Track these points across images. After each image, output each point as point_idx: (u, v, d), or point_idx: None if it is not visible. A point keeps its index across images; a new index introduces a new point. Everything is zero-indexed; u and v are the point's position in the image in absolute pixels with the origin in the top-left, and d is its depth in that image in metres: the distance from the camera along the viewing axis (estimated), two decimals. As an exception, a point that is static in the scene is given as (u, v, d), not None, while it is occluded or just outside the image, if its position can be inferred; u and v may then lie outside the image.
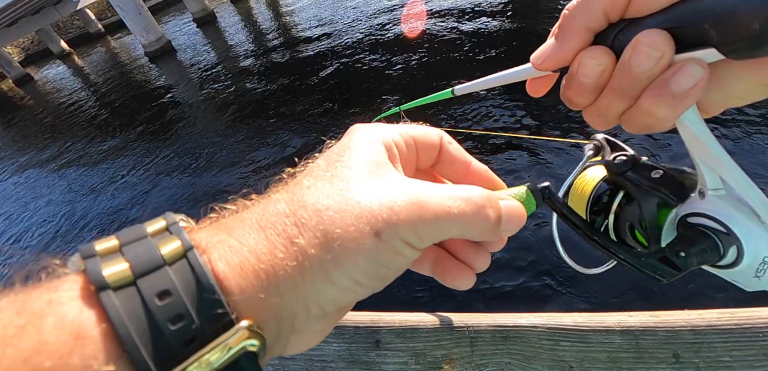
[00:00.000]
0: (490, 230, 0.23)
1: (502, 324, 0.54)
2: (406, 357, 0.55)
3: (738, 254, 0.24)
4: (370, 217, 0.20)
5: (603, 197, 0.32)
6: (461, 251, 0.26)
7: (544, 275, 2.07)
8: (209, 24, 12.65)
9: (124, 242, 0.18)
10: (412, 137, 0.26)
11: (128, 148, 6.04)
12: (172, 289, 0.16)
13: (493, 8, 5.28)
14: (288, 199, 0.21)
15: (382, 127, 0.25)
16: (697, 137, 0.23)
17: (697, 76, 0.19)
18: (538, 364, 0.52)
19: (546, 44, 0.24)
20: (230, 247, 0.19)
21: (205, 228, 0.20)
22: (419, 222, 0.20)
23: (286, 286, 0.19)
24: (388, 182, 0.21)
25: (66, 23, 23.84)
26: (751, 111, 2.58)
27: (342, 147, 0.24)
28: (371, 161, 0.22)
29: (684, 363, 0.51)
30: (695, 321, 0.51)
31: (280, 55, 7.30)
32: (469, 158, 0.28)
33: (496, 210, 0.23)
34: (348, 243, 0.19)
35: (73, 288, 0.16)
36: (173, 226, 0.19)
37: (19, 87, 17.13)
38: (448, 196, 0.21)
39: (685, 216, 0.26)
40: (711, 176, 0.24)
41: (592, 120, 0.25)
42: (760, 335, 0.50)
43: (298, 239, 0.19)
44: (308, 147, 4.06)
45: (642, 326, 0.51)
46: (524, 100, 3.41)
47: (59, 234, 4.54)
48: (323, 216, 0.20)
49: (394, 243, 0.20)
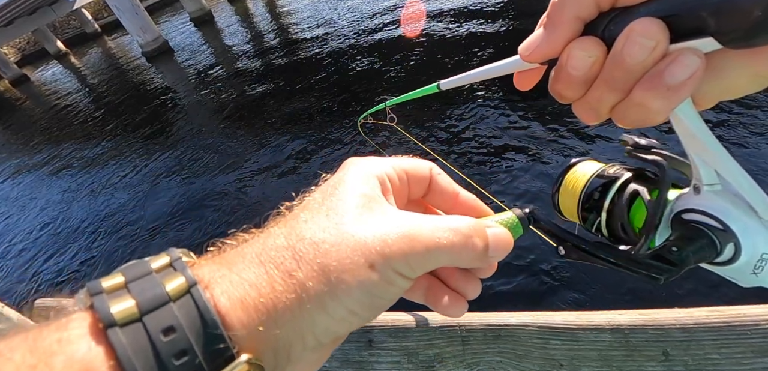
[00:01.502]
0: (479, 258, 0.23)
1: (493, 322, 0.54)
2: (398, 356, 0.56)
3: (735, 251, 0.23)
4: (365, 249, 0.21)
5: (594, 194, 0.32)
6: (452, 279, 0.27)
7: (535, 274, 2.08)
8: (207, 24, 12.61)
9: (130, 279, 0.19)
10: (404, 171, 0.27)
11: (126, 149, 6.02)
12: (177, 325, 0.17)
13: (492, 8, 5.29)
14: (286, 233, 0.22)
15: (376, 161, 0.26)
16: (691, 131, 0.22)
17: (693, 66, 0.19)
18: (529, 362, 0.53)
19: (534, 34, 0.23)
20: (232, 282, 0.20)
21: (207, 263, 0.21)
22: (411, 253, 0.21)
23: (284, 318, 0.20)
24: (381, 216, 0.22)
25: (62, 23, 23.71)
26: (748, 103, 2.59)
27: (337, 181, 0.24)
28: (365, 194, 0.23)
29: (673, 360, 0.51)
30: (684, 319, 0.51)
31: (278, 55, 7.29)
32: (458, 189, 0.29)
33: (483, 239, 0.24)
34: (343, 275, 0.20)
35: (82, 326, 0.17)
36: (177, 262, 0.20)
37: (15, 88, 17.04)
38: (437, 227, 0.22)
39: (680, 213, 0.25)
40: (706, 170, 0.23)
41: (582, 114, 0.24)
42: (748, 332, 0.51)
43: (296, 272, 0.20)
44: (305, 146, 4.06)
45: (632, 324, 0.51)
46: (515, 94, 3.42)
47: (59, 235, 4.52)
48: (320, 249, 0.21)
49: (387, 274, 0.21)
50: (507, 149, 3.02)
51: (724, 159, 0.23)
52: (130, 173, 5.16)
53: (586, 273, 1.97)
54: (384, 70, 5.05)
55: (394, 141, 3.51)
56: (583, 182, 0.32)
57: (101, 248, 3.92)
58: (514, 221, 0.26)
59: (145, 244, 3.67)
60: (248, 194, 3.73)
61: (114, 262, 3.64)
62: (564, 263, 2.00)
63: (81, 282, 0.57)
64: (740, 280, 0.25)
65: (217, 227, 3.45)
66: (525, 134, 3.09)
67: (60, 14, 17.23)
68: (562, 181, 0.34)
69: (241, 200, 3.69)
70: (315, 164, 3.77)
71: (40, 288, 3.85)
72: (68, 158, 6.66)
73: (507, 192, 2.70)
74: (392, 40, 5.73)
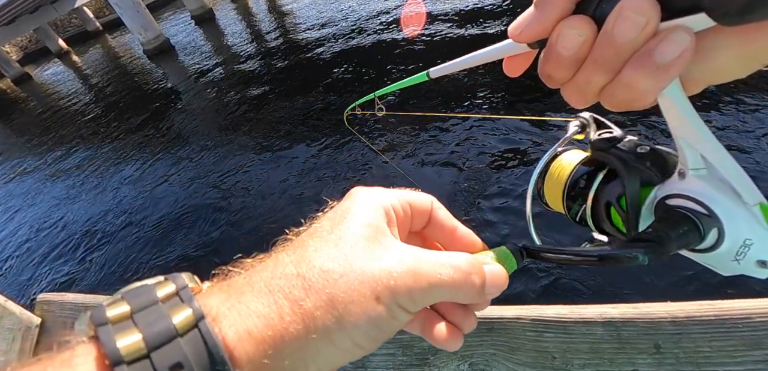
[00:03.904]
0: (476, 295, 0.24)
1: (486, 316, 0.55)
2: (393, 348, 0.56)
3: (718, 236, 0.23)
4: (372, 282, 0.21)
5: (580, 182, 0.31)
6: (449, 313, 0.27)
7: (528, 269, 2.09)
8: (208, 22, 12.61)
9: (136, 309, 0.18)
10: (408, 203, 0.28)
11: (128, 147, 6.03)
12: (185, 362, 0.17)
13: (495, 8, 5.27)
14: (296, 261, 0.22)
15: (382, 192, 0.27)
16: (679, 113, 0.22)
17: (683, 44, 0.18)
18: (522, 354, 0.53)
19: (525, 13, 0.23)
20: (240, 313, 0.19)
21: (215, 292, 0.21)
22: (415, 288, 0.22)
23: (290, 349, 0.20)
24: (387, 249, 0.23)
25: (64, 21, 23.74)
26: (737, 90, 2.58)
27: (345, 210, 0.25)
28: (372, 225, 0.24)
29: (664, 353, 0.52)
30: (675, 312, 0.52)
31: (279, 52, 7.29)
32: (456, 223, 0.29)
33: (480, 277, 0.24)
34: (351, 306, 0.21)
35: (87, 361, 0.17)
36: (183, 291, 0.20)
37: (17, 86, 17.10)
38: (439, 263, 0.23)
39: (664, 198, 0.25)
40: (692, 154, 0.23)
41: (570, 97, 0.24)
42: (740, 325, 0.51)
43: (304, 302, 0.20)
44: (306, 140, 4.06)
45: (623, 317, 0.52)
46: (504, 80, 3.41)
47: (61, 232, 4.54)
48: (329, 279, 0.21)
49: (391, 307, 0.22)
50: (496, 138, 3.02)
51: (711, 143, 0.22)
52: (131, 171, 5.18)
53: (579, 268, 1.98)
54: (387, 66, 5.05)
55: (382, 133, 3.51)
56: (569, 170, 0.32)
57: (102, 247, 3.93)
58: (508, 255, 0.26)
59: (147, 241, 3.68)
60: (250, 192, 3.73)
61: (114, 262, 3.65)
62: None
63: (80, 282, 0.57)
64: (721, 268, 0.24)
65: (218, 227, 3.46)
66: (516, 124, 3.10)
67: (61, 12, 17.26)
68: (547, 169, 0.34)
69: (242, 198, 3.70)
70: (315, 158, 3.77)
71: (42, 283, 3.88)
72: (70, 156, 6.69)
73: (495, 183, 2.70)
74: (395, 37, 5.72)
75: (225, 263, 0.23)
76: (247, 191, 3.75)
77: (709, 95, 2.56)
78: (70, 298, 0.96)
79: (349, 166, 3.47)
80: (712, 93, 2.57)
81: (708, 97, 2.59)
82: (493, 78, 3.65)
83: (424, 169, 3.07)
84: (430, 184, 2.86)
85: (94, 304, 0.99)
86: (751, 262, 0.23)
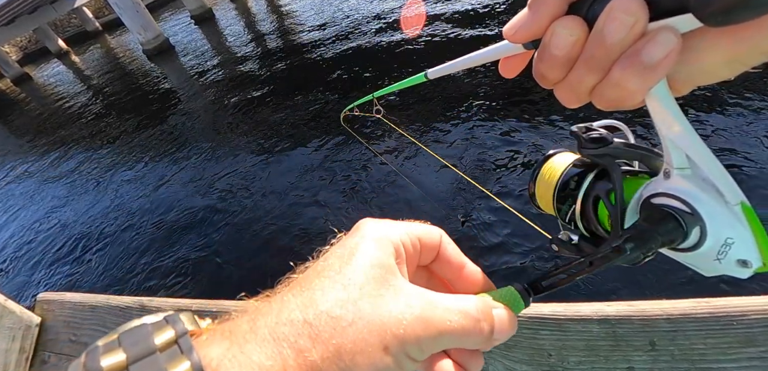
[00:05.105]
0: (484, 342, 0.24)
1: (483, 314, 0.55)
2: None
3: (701, 234, 0.23)
4: (381, 331, 0.21)
5: (570, 183, 0.32)
6: (456, 354, 0.27)
7: (524, 269, 2.10)
8: (207, 22, 12.61)
9: (132, 360, 0.18)
10: (418, 238, 0.27)
11: (127, 147, 6.04)
12: None
13: (496, 9, 5.28)
14: (302, 305, 0.21)
15: (391, 226, 0.26)
16: (665, 112, 0.23)
17: (669, 45, 0.19)
18: (519, 352, 0.54)
19: (519, 14, 0.24)
20: (241, 365, 0.19)
21: (216, 341, 0.20)
22: (423, 337, 0.21)
23: None
24: (396, 294, 0.23)
25: (63, 21, 23.74)
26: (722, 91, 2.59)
27: (353, 247, 0.24)
28: (381, 265, 0.23)
29: (660, 350, 0.52)
30: (670, 310, 0.52)
31: (279, 52, 7.30)
32: (464, 260, 0.29)
33: (489, 323, 0.24)
34: (358, 357, 0.20)
35: None
36: (183, 339, 0.19)
37: (17, 86, 17.09)
38: (448, 309, 0.23)
39: (649, 197, 0.25)
40: (677, 154, 0.24)
41: (563, 97, 0.25)
42: (734, 323, 0.51)
43: (309, 354, 0.20)
44: (305, 139, 4.06)
45: (618, 315, 0.52)
46: (502, 84, 3.42)
47: (60, 233, 4.54)
48: (337, 327, 0.20)
49: (399, 358, 0.21)
50: (494, 139, 3.03)
51: (695, 142, 0.23)
52: (131, 171, 5.19)
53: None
54: (386, 67, 5.05)
55: (381, 133, 3.51)
56: (560, 171, 0.32)
57: (102, 247, 3.94)
58: (515, 296, 0.26)
59: (147, 241, 3.69)
60: (250, 192, 3.74)
61: (114, 262, 3.66)
62: (553, 258, 2.01)
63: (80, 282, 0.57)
64: (703, 268, 0.25)
65: (217, 227, 3.47)
66: (513, 125, 3.11)
67: (61, 12, 17.25)
68: (538, 172, 0.34)
69: (241, 198, 3.71)
70: (315, 158, 3.77)
71: (42, 283, 3.88)
72: (70, 157, 6.69)
73: (494, 183, 2.70)
74: (394, 39, 5.72)
75: (225, 264, 0.23)
76: (246, 191, 3.75)
77: (694, 94, 2.58)
78: (69, 297, 0.97)
79: (348, 166, 3.47)
80: (699, 94, 2.59)
81: (695, 98, 2.61)
82: (491, 79, 3.66)
83: (422, 169, 3.08)
84: (428, 185, 2.87)
85: (94, 304, 0.98)
86: (732, 261, 0.23)
